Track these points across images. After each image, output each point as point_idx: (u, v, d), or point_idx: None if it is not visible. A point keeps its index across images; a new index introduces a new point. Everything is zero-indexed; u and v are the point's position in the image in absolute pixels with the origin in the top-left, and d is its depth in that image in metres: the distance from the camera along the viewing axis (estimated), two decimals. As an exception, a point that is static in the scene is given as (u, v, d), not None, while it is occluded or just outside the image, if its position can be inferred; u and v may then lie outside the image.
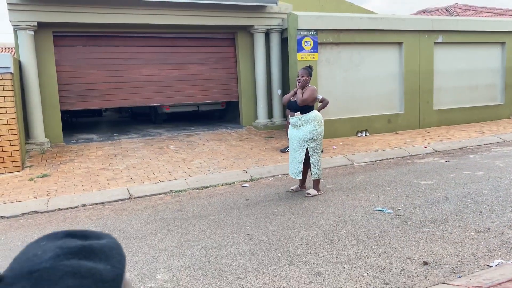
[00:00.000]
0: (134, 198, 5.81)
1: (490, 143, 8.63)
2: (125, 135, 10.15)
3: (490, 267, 3.17)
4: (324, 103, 6.09)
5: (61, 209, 5.43)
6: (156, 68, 10.09)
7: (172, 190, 6.05)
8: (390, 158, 7.61)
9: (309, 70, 5.52)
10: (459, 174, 6.15)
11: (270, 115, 10.76)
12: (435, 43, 10.72)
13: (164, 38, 10.14)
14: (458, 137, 9.21)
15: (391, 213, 4.55)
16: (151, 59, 10.02)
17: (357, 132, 9.92)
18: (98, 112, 16.49)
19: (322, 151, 7.66)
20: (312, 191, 5.44)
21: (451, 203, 4.78)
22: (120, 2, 8.69)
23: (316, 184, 5.48)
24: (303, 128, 5.34)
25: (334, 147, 8.50)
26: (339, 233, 4.06)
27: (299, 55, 9.22)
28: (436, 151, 8.07)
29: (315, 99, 5.43)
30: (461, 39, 11.01)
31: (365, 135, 9.89)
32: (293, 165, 5.52)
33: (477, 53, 11.39)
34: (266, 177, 6.62)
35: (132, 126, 12.22)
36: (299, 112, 5.36)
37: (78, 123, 13.80)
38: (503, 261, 3.24)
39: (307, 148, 5.36)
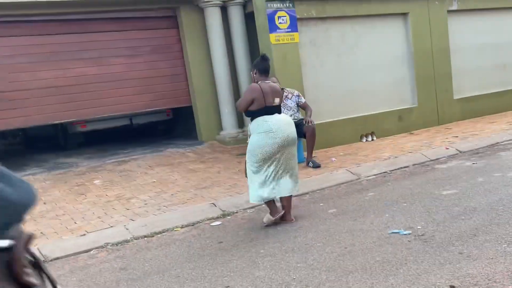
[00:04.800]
0: (51, 260, 5.43)
1: (526, 136, 9.23)
2: (22, 171, 9.58)
3: (525, 283, 3.68)
4: (308, 112, 6.60)
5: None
6: (61, 67, 9.28)
7: (107, 243, 5.77)
8: (404, 167, 8.09)
9: (257, 60, 5.71)
10: (488, 178, 6.71)
11: (240, 123, 10.44)
12: (449, 11, 11.16)
13: (71, 22, 9.27)
14: (486, 131, 9.81)
15: (409, 234, 5.00)
16: (51, 55, 9.18)
17: (361, 137, 10.31)
18: None
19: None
20: (265, 218, 5.79)
21: (480, 213, 5.31)
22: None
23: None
24: None
25: (333, 159, 8.82)
26: (347, 267, 4.36)
27: (273, 36, 8.96)
28: (460, 152, 8.63)
29: (248, 102, 5.56)
30: (481, 4, 11.52)
31: (372, 140, 10.33)
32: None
33: (504, 22, 11.89)
34: (244, 209, 6.59)
35: (30, 157, 11.54)
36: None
37: None
38: (539, 275, 3.76)
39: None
